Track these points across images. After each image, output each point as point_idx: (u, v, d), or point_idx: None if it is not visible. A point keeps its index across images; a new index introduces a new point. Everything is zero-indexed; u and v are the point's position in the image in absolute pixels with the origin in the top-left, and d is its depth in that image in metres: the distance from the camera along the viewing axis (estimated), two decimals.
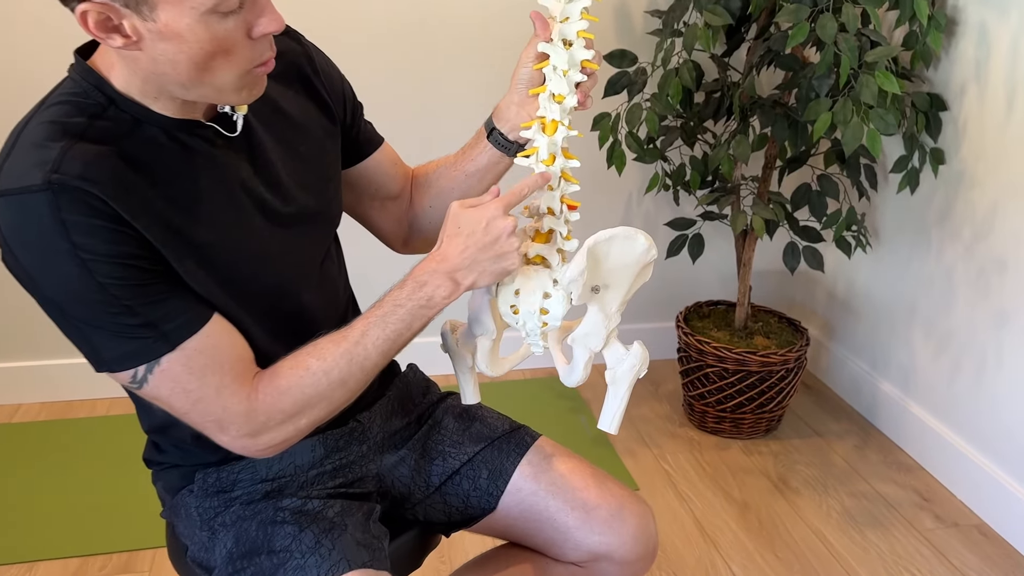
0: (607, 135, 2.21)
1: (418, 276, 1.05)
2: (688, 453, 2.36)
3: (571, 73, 1.08)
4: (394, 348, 1.05)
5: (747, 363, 2.29)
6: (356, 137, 1.27)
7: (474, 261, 1.05)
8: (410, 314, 1.04)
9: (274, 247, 1.07)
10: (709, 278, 2.77)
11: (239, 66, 0.92)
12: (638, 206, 2.64)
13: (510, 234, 1.05)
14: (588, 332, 1.12)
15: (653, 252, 1.09)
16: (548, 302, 1.12)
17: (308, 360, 1.02)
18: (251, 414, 0.99)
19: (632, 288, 1.11)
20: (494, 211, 1.05)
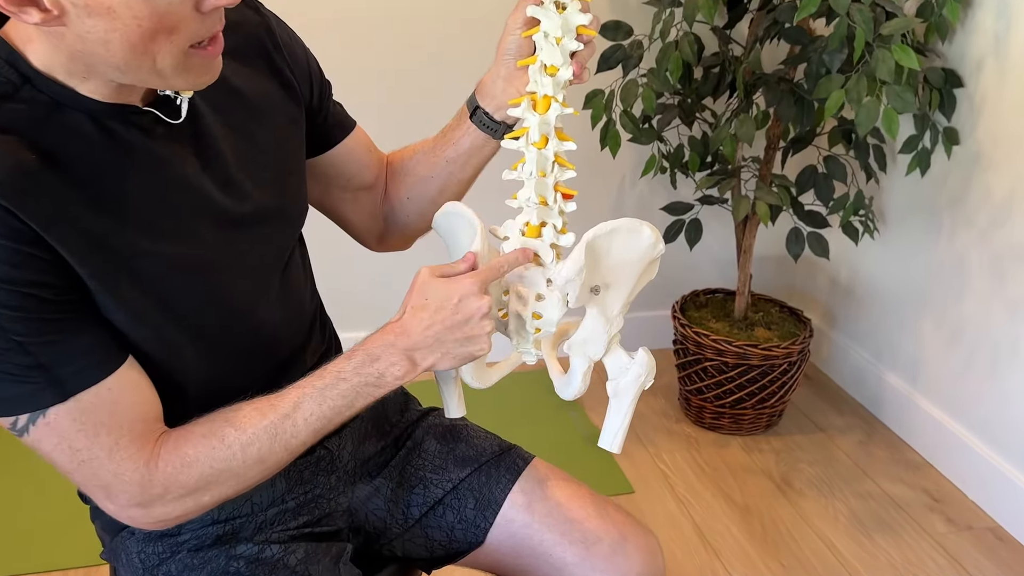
0: (600, 114, 2.06)
1: (371, 349, 0.91)
2: (686, 451, 2.24)
3: (565, 40, 0.94)
4: (328, 427, 0.91)
5: (748, 357, 2.16)
6: (324, 121, 1.12)
7: (438, 341, 0.92)
8: (354, 391, 0.91)
9: (224, 255, 0.92)
10: (706, 265, 2.63)
11: (183, 44, 0.77)
12: (632, 189, 2.49)
13: (483, 316, 0.92)
14: (587, 338, 0.98)
15: (660, 246, 0.95)
16: (541, 304, 0.99)
17: (225, 430, 0.87)
18: (146, 484, 0.85)
19: (636, 287, 0.97)
20: (468, 287, 0.91)
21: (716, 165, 2.23)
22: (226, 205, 0.93)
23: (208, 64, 0.82)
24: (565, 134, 0.98)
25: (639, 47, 2.03)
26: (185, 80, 0.81)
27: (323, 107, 1.11)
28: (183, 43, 0.77)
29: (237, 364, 0.94)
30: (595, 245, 0.93)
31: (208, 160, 0.92)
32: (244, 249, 0.95)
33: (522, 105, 0.96)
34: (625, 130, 2.09)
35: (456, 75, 2.26)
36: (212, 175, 0.92)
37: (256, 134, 0.99)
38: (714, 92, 2.14)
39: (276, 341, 1.01)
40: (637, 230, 0.94)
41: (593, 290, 0.96)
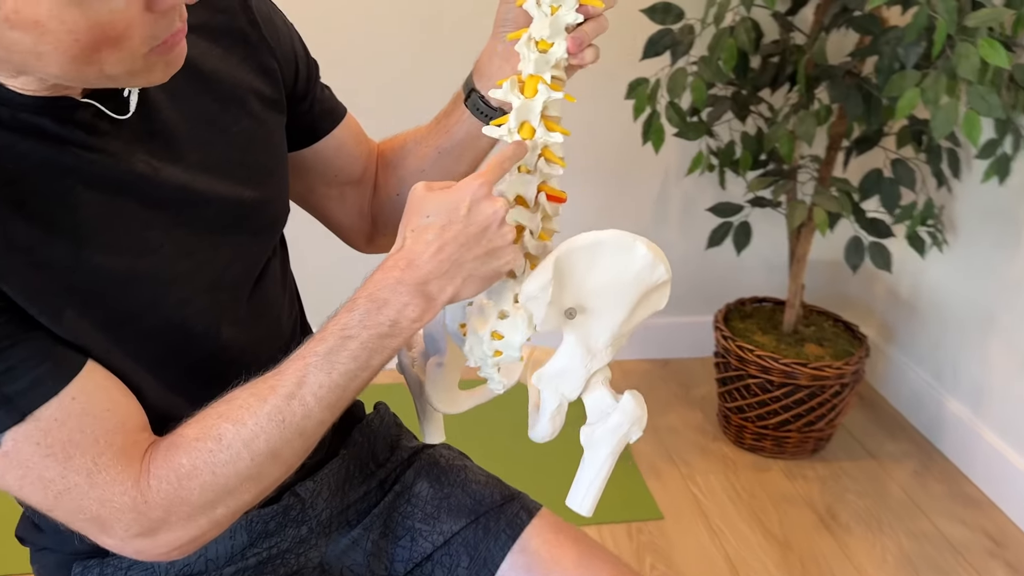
0: (643, 105, 1.87)
1: (375, 292, 0.75)
2: (722, 474, 2.06)
3: (562, 11, 0.78)
4: (346, 397, 0.76)
5: (796, 376, 1.97)
6: (310, 110, 0.97)
7: (454, 264, 0.76)
8: (366, 348, 0.75)
9: (179, 268, 0.78)
10: (755, 270, 2.44)
11: (137, 50, 0.64)
12: (676, 187, 2.31)
13: (502, 221, 0.76)
14: (560, 371, 0.83)
15: (661, 270, 0.79)
16: (504, 324, 0.83)
17: (220, 427, 0.72)
18: (142, 508, 0.71)
19: (634, 318, 0.82)
20: (477, 190, 0.76)
21: (771, 164, 2.03)
22: (185, 210, 0.79)
23: (166, 60, 0.69)
24: (556, 123, 0.82)
25: (690, 32, 1.84)
26: (144, 80, 0.68)
27: (309, 93, 0.96)
28: (137, 50, 0.64)
29: (199, 394, 0.79)
30: (568, 260, 0.79)
31: (164, 158, 0.78)
32: (205, 260, 0.81)
33: (504, 86, 0.81)
34: (670, 123, 1.90)
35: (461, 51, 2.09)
36: (169, 175, 0.77)
37: (227, 126, 0.84)
38: (772, 84, 1.94)
39: (243, 366, 0.87)
40: (628, 247, 0.78)
41: (567, 313, 0.80)
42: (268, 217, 0.89)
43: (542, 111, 0.82)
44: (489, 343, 0.86)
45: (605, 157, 2.24)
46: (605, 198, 2.29)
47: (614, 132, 2.15)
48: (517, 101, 0.82)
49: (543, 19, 0.79)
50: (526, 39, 0.81)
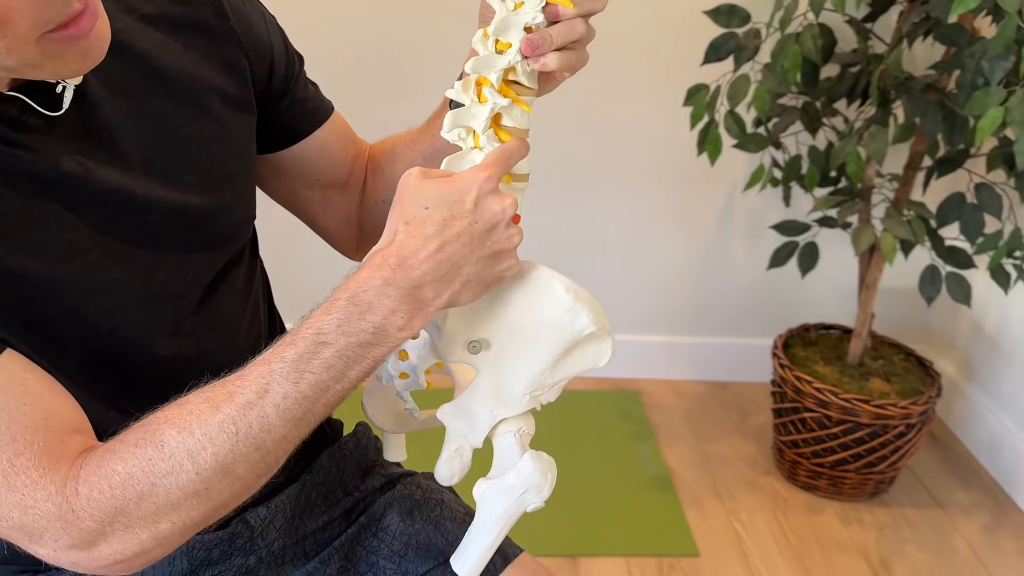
0: (702, 113, 1.75)
1: (358, 294, 0.67)
2: (770, 512, 1.92)
3: (524, 8, 0.70)
4: (316, 412, 0.68)
5: (856, 413, 1.82)
6: (289, 109, 0.90)
7: (454, 266, 0.68)
8: (343, 357, 0.67)
9: (111, 274, 0.72)
10: (823, 293, 2.28)
11: (26, 36, 0.58)
12: (742, 201, 2.16)
13: (510, 221, 0.70)
14: (463, 411, 0.75)
15: (585, 319, 0.72)
16: (412, 343, 0.79)
17: (164, 433, 0.65)
18: (70, 517, 0.64)
19: (560, 370, 0.75)
20: (484, 183, 0.68)
21: (843, 182, 1.88)
22: (120, 216, 0.73)
23: (76, 48, 0.62)
24: (512, 132, 0.74)
25: (756, 37, 1.70)
26: (49, 71, 0.62)
27: (288, 91, 0.89)
28: (25, 36, 0.58)
29: (138, 407, 0.73)
30: None
31: (101, 159, 0.72)
32: (141, 269, 0.75)
33: (456, 85, 0.73)
34: (730, 134, 1.77)
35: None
36: (103, 177, 0.72)
37: (179, 127, 0.78)
38: (848, 96, 1.79)
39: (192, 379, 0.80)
40: (545, 286, 0.71)
41: (470, 346, 0.73)
42: (222, 226, 0.82)
43: (492, 118, 0.74)
44: (395, 362, 0.79)
45: (664, 167, 2.12)
46: (662, 211, 2.17)
47: (676, 141, 2.03)
48: (467, 103, 0.74)
49: (503, 15, 0.70)
50: (481, 36, 0.73)
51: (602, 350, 0.76)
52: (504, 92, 0.73)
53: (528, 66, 0.73)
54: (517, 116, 0.74)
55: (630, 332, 2.29)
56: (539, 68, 0.73)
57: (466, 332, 0.74)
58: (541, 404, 0.77)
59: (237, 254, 0.86)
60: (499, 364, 0.74)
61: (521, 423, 0.76)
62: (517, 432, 0.76)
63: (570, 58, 0.75)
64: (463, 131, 0.74)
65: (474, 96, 0.73)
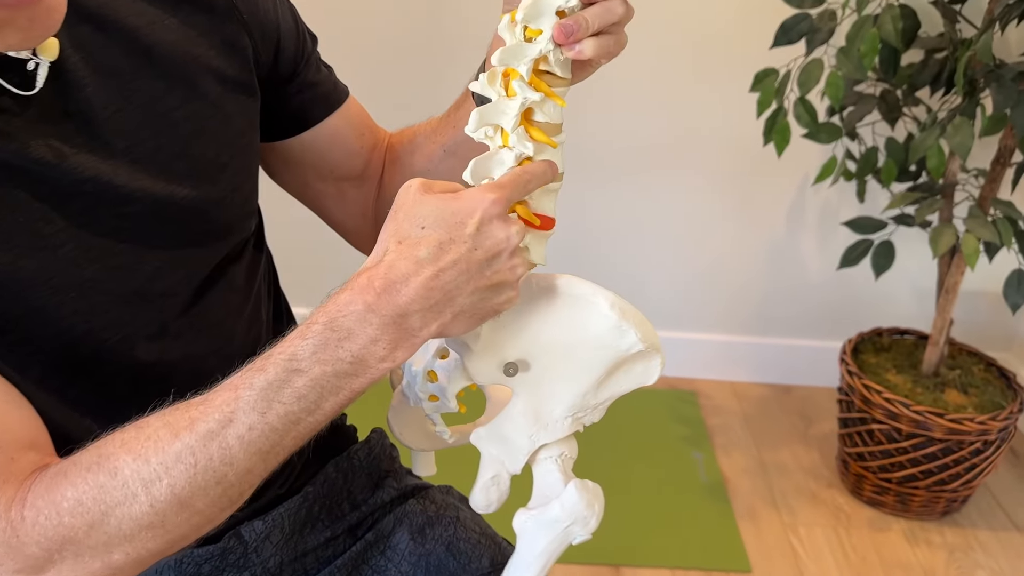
0: (769, 99, 1.63)
1: (337, 318, 0.60)
2: (831, 528, 1.80)
3: None
4: (285, 445, 0.61)
5: (928, 427, 1.69)
6: (299, 93, 0.83)
7: (446, 296, 0.61)
8: (316, 387, 0.60)
9: (86, 271, 0.67)
10: (899, 295, 2.13)
11: None
12: (814, 195, 2.03)
13: (515, 250, 0.63)
14: (500, 435, 0.69)
15: (632, 337, 0.65)
16: (441, 364, 0.73)
17: (118, 459, 0.59)
18: (14, 543, 0.59)
19: (605, 390, 0.69)
20: (491, 206, 0.62)
21: (922, 176, 1.74)
22: (98, 207, 0.67)
23: (34, 16, 0.57)
24: (543, 132, 0.66)
25: (831, 19, 1.58)
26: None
27: (298, 73, 0.83)
28: None
29: (116, 415, 0.68)
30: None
31: (80, 144, 0.67)
32: (122, 266, 0.69)
33: (482, 78, 0.65)
34: (799, 123, 1.65)
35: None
36: (79, 164, 0.66)
37: (170, 110, 0.72)
38: (932, 83, 1.65)
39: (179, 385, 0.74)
40: (587, 302, 0.66)
41: (506, 368, 0.68)
42: (215, 220, 0.75)
43: (523, 114, 0.66)
44: (423, 384, 0.73)
45: (728, 157, 2.00)
46: (727, 203, 2.06)
47: (741, 129, 1.91)
48: (494, 98, 0.66)
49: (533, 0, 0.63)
50: (508, 22, 0.65)
51: (651, 368, 0.69)
52: (535, 85, 0.66)
53: (561, 54, 0.65)
54: (550, 111, 0.66)
55: (689, 330, 2.18)
56: (574, 56, 0.65)
57: (501, 353, 0.68)
58: (584, 426, 0.71)
59: (236, 250, 0.80)
60: (538, 386, 0.68)
61: (563, 448, 0.70)
62: (559, 458, 0.70)
63: (608, 43, 0.66)
64: (490, 129, 0.67)
65: (501, 90, 0.66)
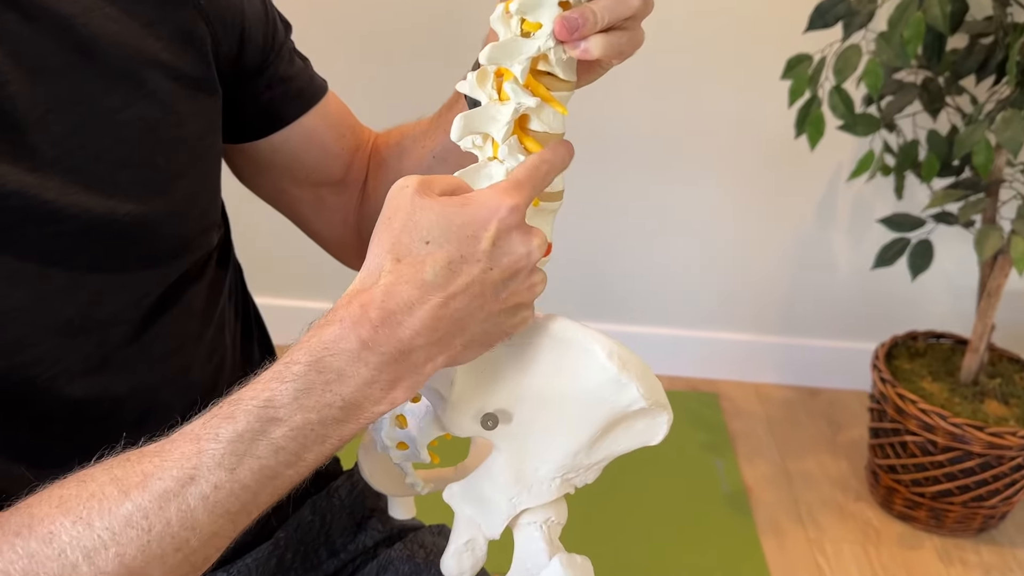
0: (802, 88, 1.51)
1: (325, 357, 0.50)
2: (859, 544, 1.70)
3: None
4: (260, 503, 0.52)
5: (966, 440, 1.57)
6: (267, 89, 0.74)
7: (457, 323, 0.52)
8: (298, 437, 0.51)
9: (10, 300, 0.58)
10: (936, 296, 2.01)
11: None
12: (848, 188, 1.91)
13: (535, 266, 0.55)
14: (477, 495, 0.61)
15: (633, 393, 0.56)
16: (413, 408, 0.64)
17: (56, 521, 0.50)
18: None
19: (600, 449, 0.59)
20: (508, 214, 0.53)
21: (965, 172, 1.62)
22: (22, 226, 0.58)
23: None
24: (541, 143, 0.57)
25: (870, 1, 1.45)
26: None
27: (267, 66, 0.73)
28: None
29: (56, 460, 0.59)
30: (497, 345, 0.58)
31: (2, 153, 0.57)
32: (53, 293, 0.60)
33: (470, 77, 0.57)
34: (834, 113, 1.53)
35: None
36: (6, 175, 0.58)
37: (114, 112, 0.63)
38: (979, 72, 1.53)
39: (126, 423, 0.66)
40: (580, 348, 0.56)
41: (484, 420, 0.58)
42: (167, 238, 0.66)
43: (516, 122, 0.56)
44: (390, 430, 0.64)
45: (756, 148, 1.89)
46: (754, 196, 1.94)
47: (771, 119, 1.79)
48: (485, 101, 0.56)
49: None
50: (502, 12, 0.55)
51: (655, 426, 0.59)
52: (532, 88, 0.56)
53: (564, 53, 0.55)
54: (549, 119, 0.57)
55: (711, 328, 2.07)
56: (579, 56, 0.55)
57: (478, 402, 0.58)
58: (576, 487, 0.61)
59: (195, 268, 0.71)
60: (522, 441, 0.59)
61: (550, 512, 0.61)
62: (544, 524, 0.61)
63: (619, 41, 0.56)
64: (478, 138, 0.57)
65: (493, 92, 0.56)
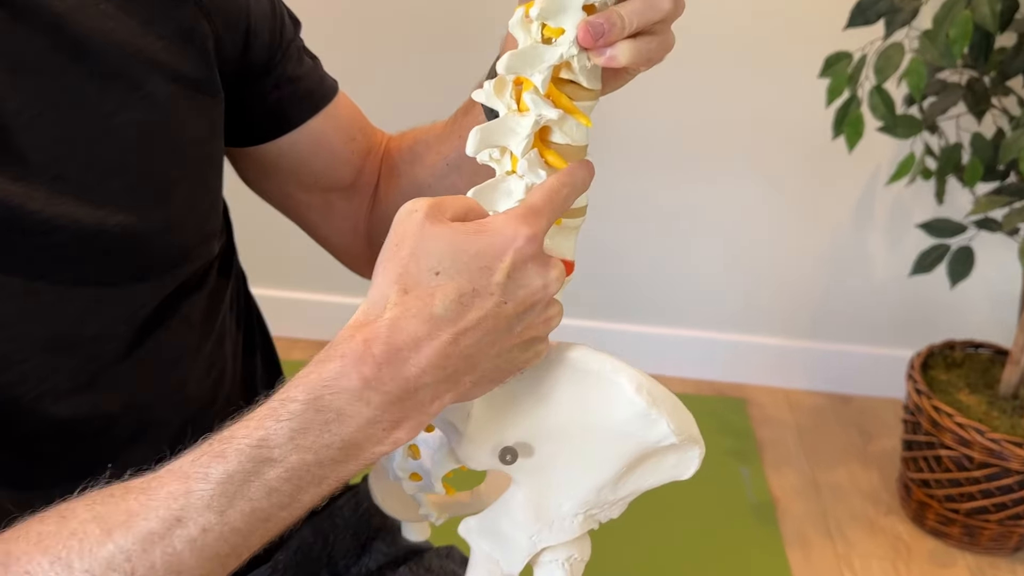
0: (841, 87, 1.45)
1: (324, 395, 0.47)
2: (889, 560, 1.64)
3: None
4: (251, 546, 0.49)
5: (1004, 456, 1.51)
6: (274, 90, 0.71)
7: (467, 360, 0.48)
8: (293, 479, 0.47)
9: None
10: (976, 304, 1.94)
11: None
12: (886, 191, 1.84)
13: (552, 299, 0.51)
14: (495, 531, 0.57)
15: (663, 428, 0.52)
16: (426, 437, 0.61)
17: (32, 560, 0.46)
18: None
19: (626, 485, 0.56)
20: (525, 244, 0.49)
21: (1010, 177, 1.55)
22: (8, 236, 0.56)
23: None
24: (559, 154, 0.53)
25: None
26: None
27: (274, 66, 0.69)
28: None
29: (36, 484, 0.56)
30: (518, 375, 0.54)
31: None
32: (38, 308, 0.57)
33: (486, 87, 0.53)
34: (874, 114, 1.47)
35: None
36: None
37: (108, 116, 0.59)
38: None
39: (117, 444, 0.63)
40: (607, 381, 0.52)
41: (502, 454, 0.55)
42: (165, 249, 0.63)
43: (537, 134, 0.52)
44: (403, 461, 0.60)
45: (791, 147, 1.83)
46: (787, 197, 1.88)
47: (808, 118, 1.73)
48: (504, 112, 0.52)
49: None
50: (521, 17, 0.51)
51: (686, 460, 0.56)
52: (554, 98, 0.52)
53: (588, 61, 0.51)
54: (572, 131, 0.52)
55: (741, 331, 2.02)
56: (604, 64, 0.51)
57: (496, 435, 0.54)
58: (600, 523, 0.58)
59: (195, 278, 0.67)
60: (543, 475, 0.55)
61: (572, 550, 0.57)
62: (566, 561, 0.57)
63: (648, 47, 0.51)
64: (496, 151, 0.53)
65: (512, 102, 0.52)
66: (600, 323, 2.00)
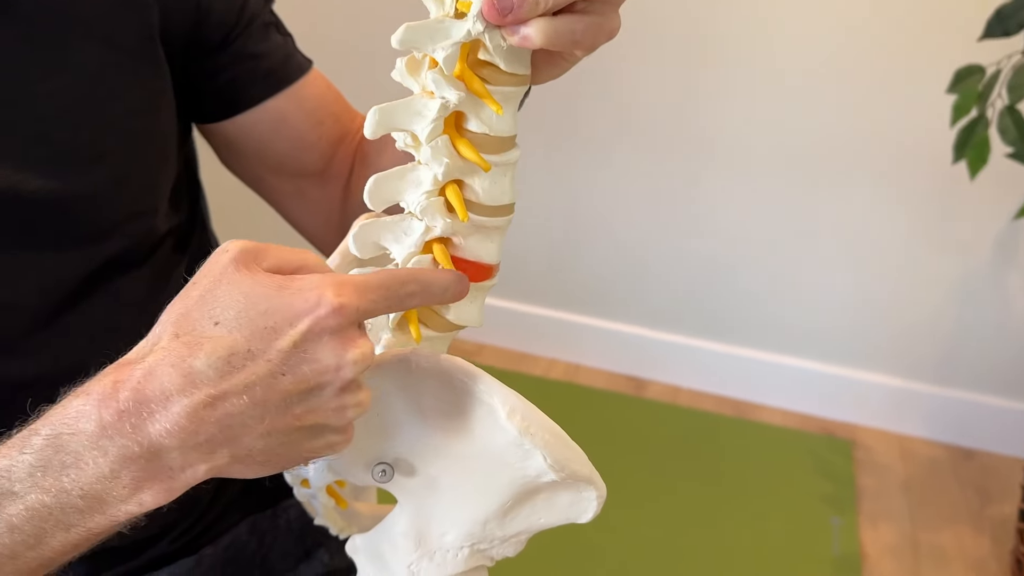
0: (969, 104, 1.29)
1: (64, 435, 0.42)
2: None
3: None
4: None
5: None
6: (231, 65, 0.68)
7: (228, 431, 0.41)
8: (34, 519, 0.42)
9: None
10: None
11: None
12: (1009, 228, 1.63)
13: (350, 385, 0.42)
14: (375, 551, 0.52)
15: (539, 463, 0.46)
16: None
17: None
18: None
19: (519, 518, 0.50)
20: (328, 313, 0.41)
21: None
22: None
23: None
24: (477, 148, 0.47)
25: None
26: None
27: (230, 41, 0.67)
28: None
29: None
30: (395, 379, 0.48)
31: None
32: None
33: (398, 66, 0.47)
34: (1003, 138, 1.30)
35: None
36: None
37: (35, 82, 0.59)
38: None
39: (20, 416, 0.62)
40: (478, 402, 0.46)
41: (376, 471, 0.49)
42: (87, 220, 0.61)
43: (448, 121, 0.47)
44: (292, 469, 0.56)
45: (925, 168, 1.66)
46: (918, 223, 1.71)
47: (936, 136, 1.56)
48: (417, 91, 0.47)
49: None
50: None
51: (582, 502, 0.49)
52: (467, 80, 0.45)
53: (503, 40, 0.44)
54: (490, 119, 0.46)
55: (854, 366, 1.85)
56: (518, 44, 0.44)
57: (372, 449, 0.49)
58: (494, 560, 0.52)
59: (132, 255, 0.65)
60: (425, 499, 0.50)
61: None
62: None
63: (572, 27, 0.44)
64: (408, 135, 0.47)
65: (413, 76, 0.47)
66: (702, 342, 1.89)
